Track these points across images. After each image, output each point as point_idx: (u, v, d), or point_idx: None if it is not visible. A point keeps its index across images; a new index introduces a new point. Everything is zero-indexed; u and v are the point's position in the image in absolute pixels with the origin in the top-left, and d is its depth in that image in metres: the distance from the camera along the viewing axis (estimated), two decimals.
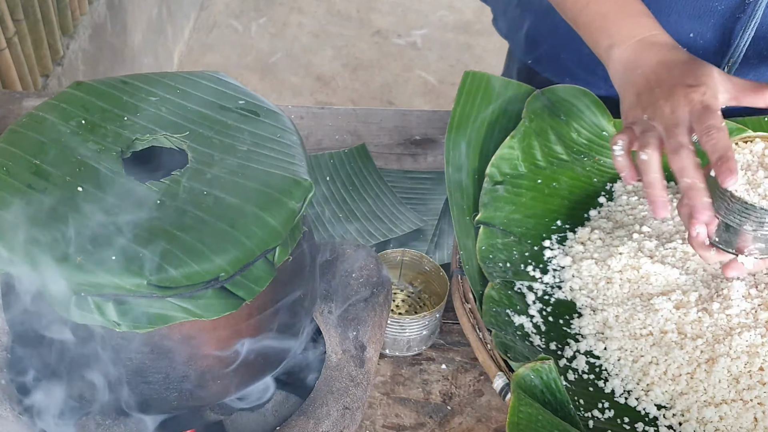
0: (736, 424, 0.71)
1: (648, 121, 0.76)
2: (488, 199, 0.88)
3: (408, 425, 0.77)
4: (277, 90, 2.61)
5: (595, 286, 0.82)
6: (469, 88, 0.96)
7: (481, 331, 0.77)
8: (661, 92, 0.77)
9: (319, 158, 1.04)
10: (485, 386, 0.80)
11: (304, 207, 0.58)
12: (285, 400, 0.70)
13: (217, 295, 0.55)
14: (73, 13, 1.84)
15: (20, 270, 0.54)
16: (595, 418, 0.72)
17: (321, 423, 0.65)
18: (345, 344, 0.70)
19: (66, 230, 0.53)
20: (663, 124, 0.75)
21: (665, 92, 0.77)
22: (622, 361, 0.76)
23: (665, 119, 0.75)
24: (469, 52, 2.80)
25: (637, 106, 0.79)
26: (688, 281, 0.80)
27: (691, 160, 0.72)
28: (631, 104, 0.80)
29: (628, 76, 0.82)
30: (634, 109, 0.79)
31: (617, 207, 0.91)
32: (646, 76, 0.80)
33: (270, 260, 0.57)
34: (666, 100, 0.76)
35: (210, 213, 0.55)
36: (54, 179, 0.56)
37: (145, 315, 0.54)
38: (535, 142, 0.93)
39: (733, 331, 0.75)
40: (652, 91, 0.78)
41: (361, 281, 0.73)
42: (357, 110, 1.13)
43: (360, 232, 0.94)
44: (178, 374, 0.59)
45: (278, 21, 2.93)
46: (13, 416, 0.63)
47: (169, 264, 0.52)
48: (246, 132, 0.62)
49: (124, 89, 0.65)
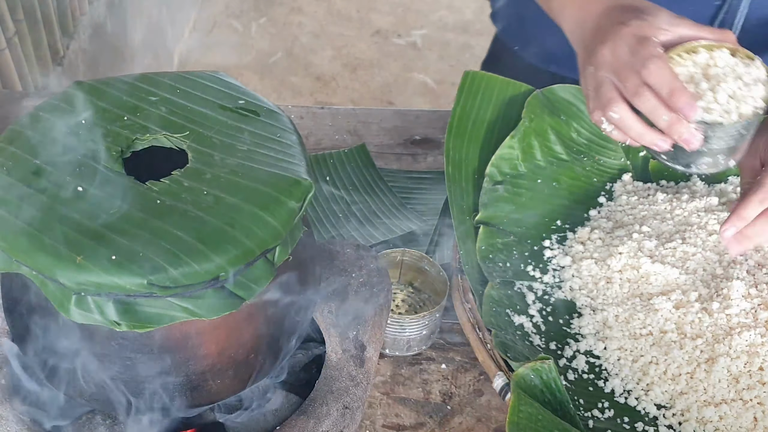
0: (735, 423, 0.71)
1: (597, 74, 0.73)
2: (488, 199, 0.88)
3: (408, 425, 0.77)
4: (277, 90, 2.61)
5: (594, 286, 0.82)
6: (469, 88, 0.96)
7: (481, 331, 0.77)
8: (600, 38, 0.73)
9: (319, 158, 1.04)
10: (485, 386, 0.80)
11: (304, 207, 0.58)
12: (285, 400, 0.70)
13: (217, 294, 0.55)
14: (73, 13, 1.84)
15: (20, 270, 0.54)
16: (595, 418, 0.72)
17: (321, 423, 0.65)
18: (345, 344, 0.70)
19: (66, 230, 0.53)
20: (610, 70, 0.71)
21: (602, 36, 0.73)
22: (622, 360, 0.76)
23: (609, 64, 0.71)
24: (469, 52, 2.79)
25: (586, 62, 0.75)
26: (688, 281, 0.80)
27: (654, 94, 0.68)
28: (582, 62, 0.76)
29: (579, 34, 0.79)
30: (583, 66, 0.76)
31: (617, 207, 0.91)
32: (592, 29, 0.76)
33: (270, 260, 0.57)
34: (603, 44, 0.72)
35: (210, 213, 0.55)
36: (54, 179, 0.56)
37: (145, 315, 0.54)
38: (535, 142, 0.93)
39: (733, 330, 0.75)
40: (594, 40, 0.74)
41: (361, 281, 0.73)
42: (357, 110, 1.13)
43: (360, 232, 0.94)
44: (178, 374, 0.59)
45: (278, 21, 2.93)
46: (13, 416, 0.63)
47: (169, 264, 0.52)
48: (246, 132, 0.62)
49: (124, 89, 0.65)
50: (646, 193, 0.93)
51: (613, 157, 0.97)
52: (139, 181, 0.57)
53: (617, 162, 0.97)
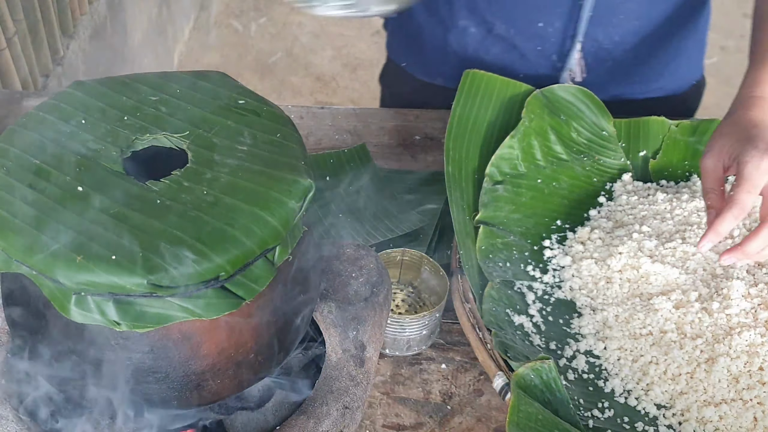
0: (735, 423, 0.71)
1: None
2: (488, 199, 0.88)
3: (408, 425, 0.77)
4: (277, 90, 2.61)
5: (594, 286, 0.82)
6: (469, 88, 0.96)
7: (481, 331, 0.77)
8: None
9: (319, 158, 1.04)
10: (485, 386, 0.80)
11: (304, 207, 0.58)
12: (285, 400, 0.70)
13: (217, 294, 0.55)
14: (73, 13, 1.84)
15: (20, 270, 0.54)
16: (595, 418, 0.72)
17: (321, 422, 0.65)
18: (345, 344, 0.70)
19: (66, 230, 0.53)
20: None
21: None
22: (622, 360, 0.76)
23: None
24: None
25: None
26: (688, 281, 0.80)
27: None
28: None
29: None
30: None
31: (617, 207, 0.91)
32: None
33: (270, 260, 0.57)
34: None
35: (210, 213, 0.55)
36: (54, 179, 0.56)
37: (145, 315, 0.54)
38: (535, 142, 0.93)
39: (733, 330, 0.75)
40: None
41: (361, 281, 0.73)
42: (357, 110, 1.13)
43: (360, 232, 0.94)
44: (178, 374, 0.59)
45: (278, 21, 2.93)
46: (13, 416, 0.63)
47: (169, 264, 0.52)
48: (246, 132, 0.62)
49: (124, 89, 0.65)
50: (646, 193, 0.93)
51: (613, 157, 0.97)
52: (139, 181, 0.57)
53: (617, 162, 0.97)
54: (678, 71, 1.12)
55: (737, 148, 0.78)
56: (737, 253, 0.75)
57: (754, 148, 0.76)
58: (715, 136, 0.82)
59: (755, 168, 0.75)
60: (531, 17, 1.01)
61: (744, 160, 0.76)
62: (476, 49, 1.06)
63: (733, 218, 0.75)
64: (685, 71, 1.14)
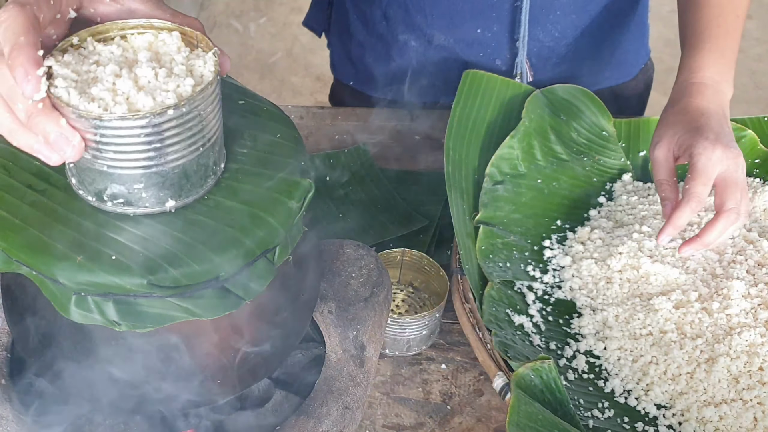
0: (735, 423, 0.71)
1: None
2: (488, 199, 0.88)
3: (408, 425, 0.77)
4: (277, 90, 2.61)
5: (594, 286, 0.82)
6: (469, 88, 0.96)
7: (481, 331, 0.77)
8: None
9: (319, 158, 1.04)
10: (485, 386, 0.80)
11: (304, 207, 0.58)
12: (285, 400, 0.70)
13: (217, 294, 0.55)
14: None
15: (20, 270, 0.54)
16: (595, 418, 0.72)
17: (321, 422, 0.65)
18: (345, 344, 0.70)
19: (66, 230, 0.53)
20: None
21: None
22: (622, 360, 0.76)
23: None
24: None
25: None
26: (688, 281, 0.80)
27: None
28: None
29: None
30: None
31: (617, 207, 0.91)
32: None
33: (270, 260, 0.57)
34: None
35: (210, 213, 0.55)
36: (54, 180, 0.56)
37: (145, 315, 0.54)
38: (535, 142, 0.93)
39: (733, 330, 0.75)
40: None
41: (361, 281, 0.73)
42: (357, 110, 1.13)
43: (360, 232, 0.94)
44: (178, 374, 0.59)
45: (278, 21, 2.93)
46: (13, 416, 0.63)
47: (169, 264, 0.52)
48: (246, 132, 0.62)
49: None
50: (646, 193, 0.93)
51: (613, 157, 0.97)
52: None
53: (617, 162, 0.97)
54: (624, 58, 1.12)
55: (687, 139, 0.79)
56: (696, 245, 0.77)
57: (705, 139, 0.78)
58: (661, 125, 0.83)
59: (708, 160, 0.77)
60: (468, 25, 1.01)
61: (696, 152, 0.77)
62: (420, 62, 1.06)
63: (690, 211, 0.76)
64: (632, 57, 1.13)
